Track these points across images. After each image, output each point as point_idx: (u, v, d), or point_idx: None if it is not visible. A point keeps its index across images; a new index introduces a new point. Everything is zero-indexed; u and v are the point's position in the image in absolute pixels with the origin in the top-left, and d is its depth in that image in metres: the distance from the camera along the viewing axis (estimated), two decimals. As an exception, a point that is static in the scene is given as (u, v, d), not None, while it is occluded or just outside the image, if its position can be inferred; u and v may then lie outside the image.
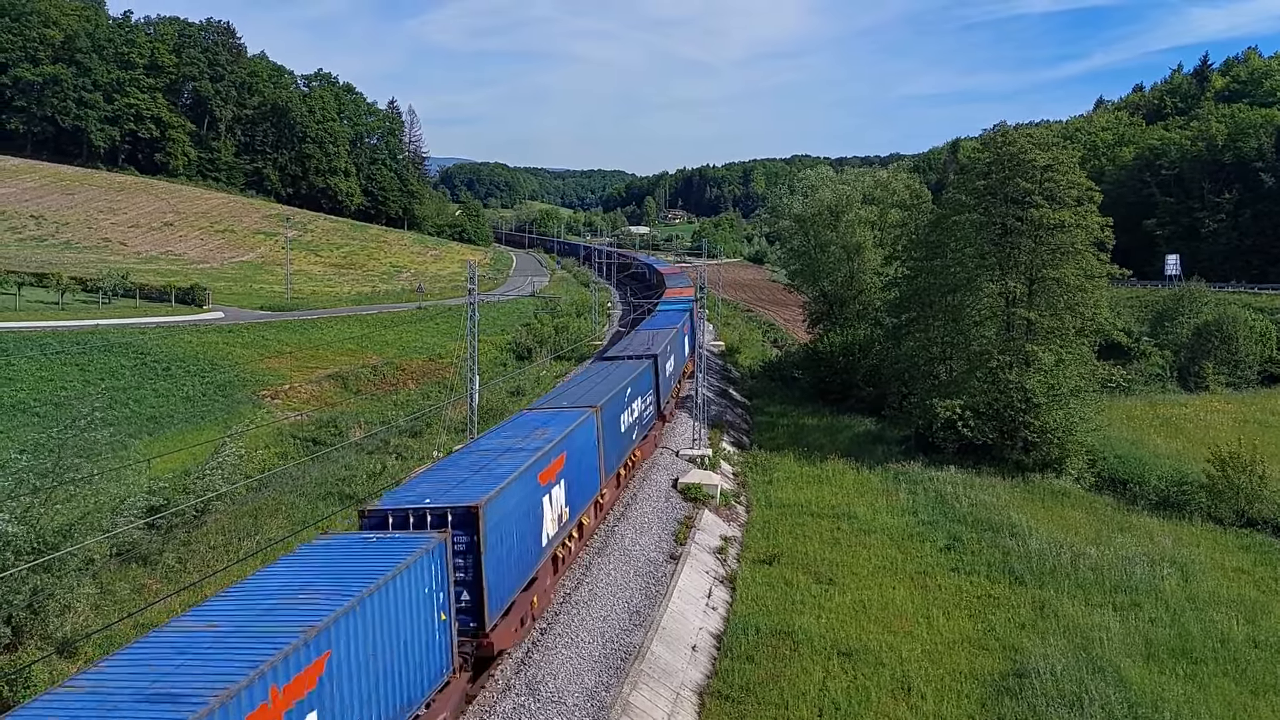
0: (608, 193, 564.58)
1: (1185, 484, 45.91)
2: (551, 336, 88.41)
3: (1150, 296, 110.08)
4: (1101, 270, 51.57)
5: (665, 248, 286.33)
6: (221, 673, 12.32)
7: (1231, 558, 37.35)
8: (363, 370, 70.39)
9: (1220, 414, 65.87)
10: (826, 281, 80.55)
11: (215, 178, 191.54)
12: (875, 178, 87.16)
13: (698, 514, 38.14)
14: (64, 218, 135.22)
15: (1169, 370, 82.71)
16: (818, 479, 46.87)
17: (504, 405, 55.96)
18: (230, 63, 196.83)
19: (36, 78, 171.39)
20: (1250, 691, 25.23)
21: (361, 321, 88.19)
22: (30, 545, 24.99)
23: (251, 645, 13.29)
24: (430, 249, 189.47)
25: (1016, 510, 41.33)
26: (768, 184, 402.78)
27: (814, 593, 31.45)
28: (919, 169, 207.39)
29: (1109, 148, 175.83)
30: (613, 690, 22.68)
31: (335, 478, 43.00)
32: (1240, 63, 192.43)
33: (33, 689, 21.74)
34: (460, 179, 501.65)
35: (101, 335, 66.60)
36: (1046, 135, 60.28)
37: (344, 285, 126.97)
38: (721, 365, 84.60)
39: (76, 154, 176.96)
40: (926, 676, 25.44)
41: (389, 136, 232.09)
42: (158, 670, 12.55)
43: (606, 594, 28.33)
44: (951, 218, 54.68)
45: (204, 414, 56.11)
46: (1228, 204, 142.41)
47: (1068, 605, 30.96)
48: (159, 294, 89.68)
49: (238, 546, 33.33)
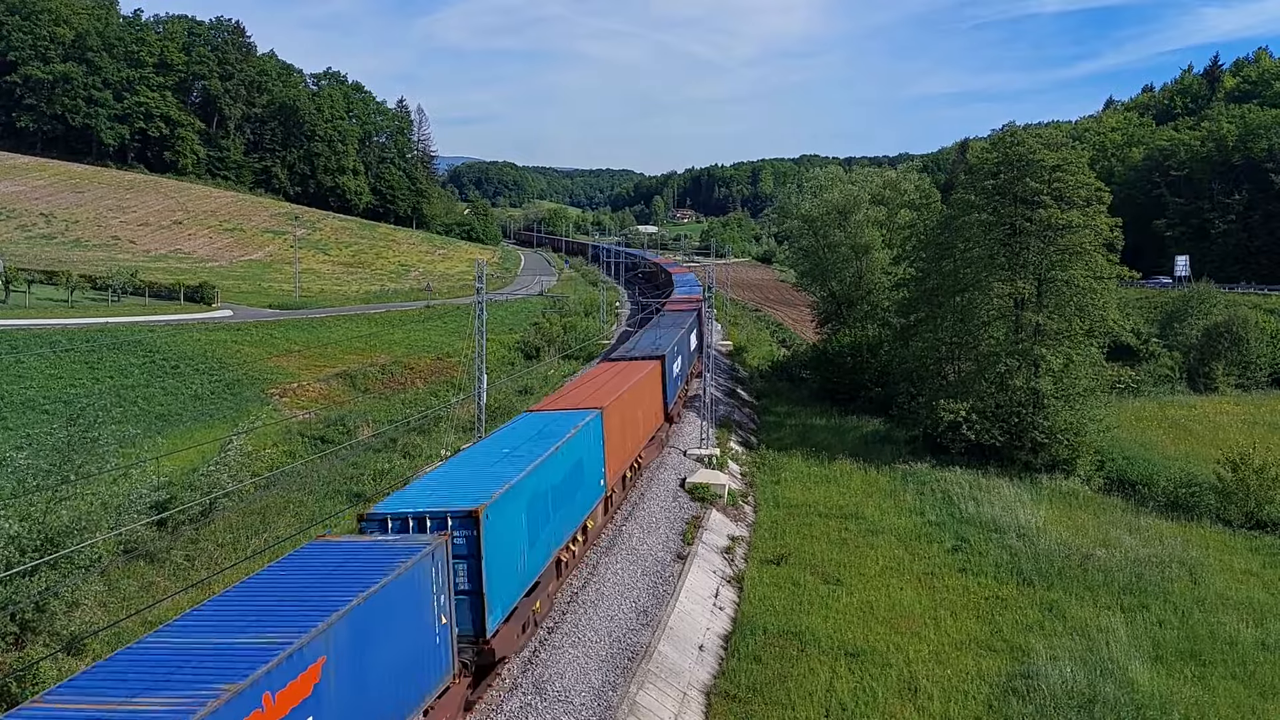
0: (616, 192, 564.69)
1: (1194, 486, 45.74)
2: (560, 336, 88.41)
3: (1160, 297, 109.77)
4: (1111, 271, 51.40)
5: (673, 247, 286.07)
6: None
7: (1240, 560, 37.22)
8: (371, 369, 70.47)
9: (1230, 416, 65.63)
10: (835, 282, 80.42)
11: (224, 176, 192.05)
12: (884, 178, 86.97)
13: (705, 514, 38.12)
14: (73, 216, 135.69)
15: (1178, 372, 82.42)
16: (825, 479, 46.82)
17: (512, 404, 55.99)
18: (239, 61, 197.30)
19: (47, 76, 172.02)
20: (1259, 694, 25.13)
21: (370, 320, 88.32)
22: (35, 543, 25.06)
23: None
24: (438, 248, 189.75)
25: (1024, 511, 41.21)
26: (776, 184, 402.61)
27: (821, 593, 31.40)
28: (928, 169, 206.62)
29: (1118, 148, 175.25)
30: (619, 690, 22.67)
31: (343, 476, 43.07)
32: (1251, 63, 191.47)
33: (41, 685, 21.79)
34: (469, 178, 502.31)
35: (110, 333, 66.78)
36: (1055, 135, 60.09)
37: (352, 284, 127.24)
38: (730, 365, 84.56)
39: (86, 152, 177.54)
40: (934, 677, 25.39)
41: (398, 135, 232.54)
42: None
43: (614, 594, 28.32)
44: (960, 218, 54.55)
45: (212, 412, 56.21)
46: (1237, 205, 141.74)
47: (1075, 607, 30.88)
48: (168, 292, 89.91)
49: (245, 544, 33.40)
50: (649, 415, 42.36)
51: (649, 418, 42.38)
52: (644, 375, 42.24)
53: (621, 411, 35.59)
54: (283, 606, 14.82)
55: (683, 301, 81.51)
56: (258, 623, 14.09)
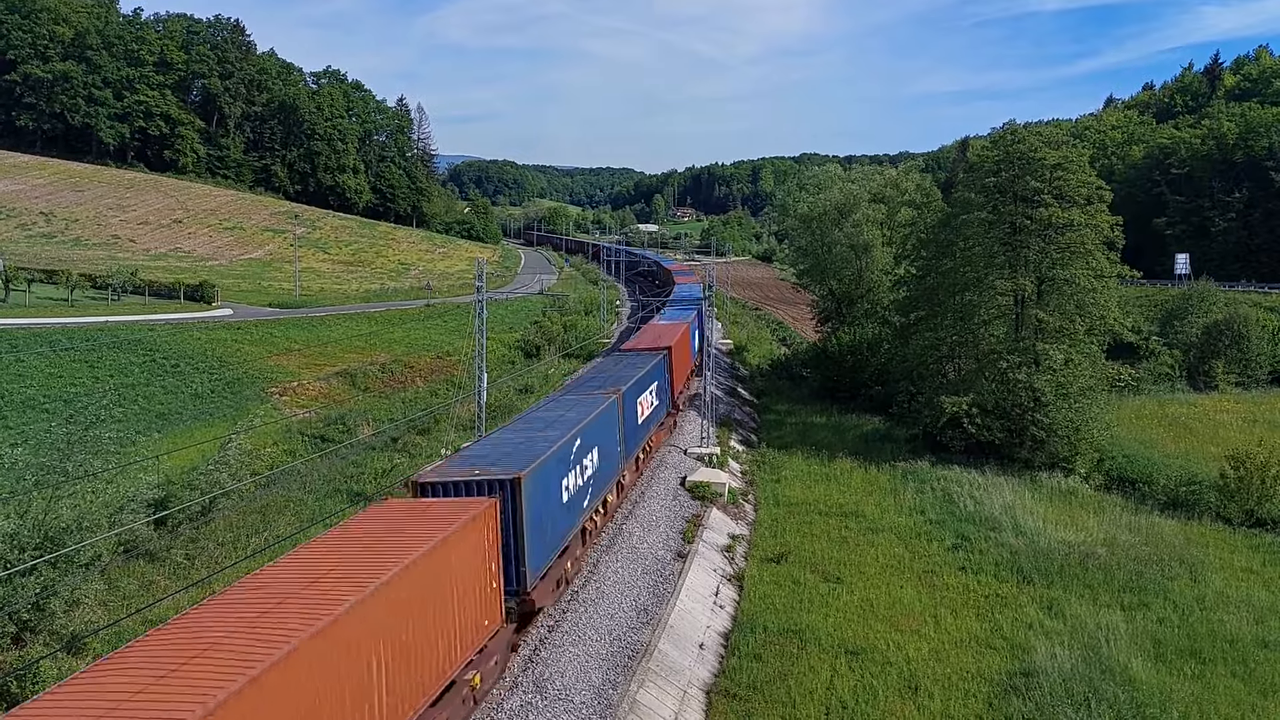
0: (616, 190, 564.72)
1: (1195, 483, 45.75)
2: (560, 334, 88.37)
3: (1160, 295, 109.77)
4: (1111, 270, 51.40)
5: (674, 246, 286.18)
6: None
7: (1240, 558, 37.25)
8: (371, 368, 70.43)
9: (1230, 414, 65.63)
10: (835, 280, 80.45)
11: (224, 175, 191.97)
12: (885, 176, 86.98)
13: (706, 512, 38.12)
14: (73, 214, 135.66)
15: (1178, 370, 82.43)
16: (826, 477, 46.84)
17: (512, 403, 55.98)
18: (239, 60, 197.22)
19: (46, 74, 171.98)
20: (1259, 692, 25.14)
21: (370, 319, 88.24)
22: (35, 541, 25.05)
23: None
24: (439, 246, 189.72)
25: (1024, 509, 41.24)
26: (776, 182, 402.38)
27: (822, 591, 31.41)
28: (929, 168, 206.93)
29: (1119, 146, 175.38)
30: (620, 688, 22.67)
31: (343, 475, 43.07)
32: (1251, 61, 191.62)
33: (41, 684, 21.80)
34: (469, 176, 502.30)
35: (111, 332, 66.75)
36: (1056, 134, 60.12)
37: (352, 283, 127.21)
38: (730, 364, 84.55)
39: (86, 151, 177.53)
40: (934, 676, 25.40)
41: (397, 134, 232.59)
42: None
43: (614, 592, 28.33)
44: (961, 216, 54.56)
45: (213, 411, 56.18)
46: (1238, 203, 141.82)
47: (1075, 605, 30.90)
48: (168, 291, 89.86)
49: (246, 543, 33.39)
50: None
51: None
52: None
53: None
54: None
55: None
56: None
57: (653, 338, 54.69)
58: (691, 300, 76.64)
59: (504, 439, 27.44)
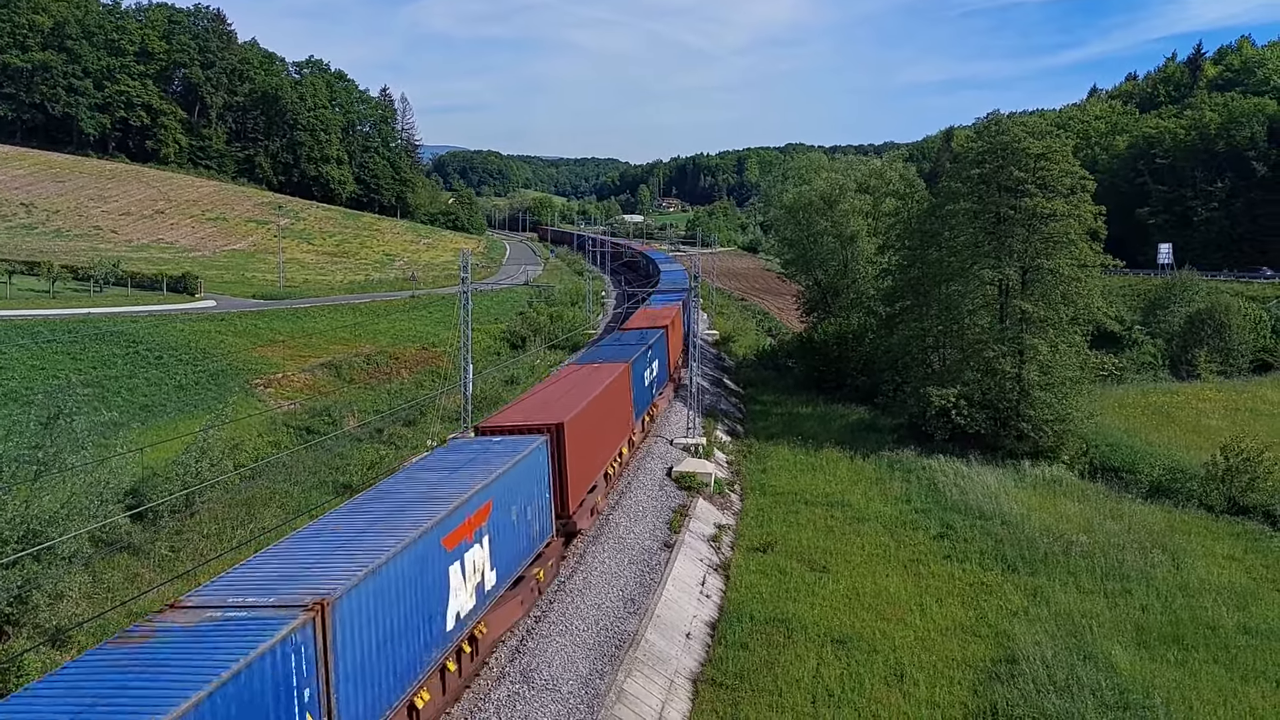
0: (601, 181, 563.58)
1: (1178, 472, 46.06)
2: (546, 325, 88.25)
3: (1143, 285, 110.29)
4: (1095, 260, 51.60)
5: (659, 236, 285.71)
6: None
7: (1222, 545, 37.52)
8: (356, 359, 70.18)
9: (1211, 402, 66.06)
10: (820, 270, 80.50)
11: (206, 165, 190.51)
12: (870, 166, 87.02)
13: (692, 502, 38.18)
14: (54, 206, 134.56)
15: (1161, 359, 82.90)
16: (811, 467, 46.96)
17: (498, 394, 55.86)
18: (221, 49, 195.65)
19: (26, 64, 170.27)
20: (1240, 678, 25.36)
21: (354, 310, 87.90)
22: (17, 535, 24.86)
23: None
24: (423, 237, 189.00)
25: (1009, 498, 41.44)
26: (761, 172, 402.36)
27: (808, 580, 31.53)
28: (913, 157, 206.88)
29: (1103, 136, 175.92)
30: (607, 677, 22.71)
31: (329, 466, 42.91)
32: (1234, 51, 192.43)
33: (25, 677, 21.66)
34: (453, 167, 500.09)
35: (93, 324, 66.32)
36: (1040, 124, 60.30)
37: (337, 274, 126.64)
38: (716, 354, 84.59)
39: (67, 141, 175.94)
40: (919, 663, 25.54)
41: (381, 124, 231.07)
42: None
43: (601, 582, 28.36)
44: (945, 206, 54.65)
45: (196, 402, 55.88)
46: (1220, 193, 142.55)
47: (1059, 592, 31.11)
48: (150, 282, 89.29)
49: (231, 535, 33.26)
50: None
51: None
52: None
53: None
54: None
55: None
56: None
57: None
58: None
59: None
